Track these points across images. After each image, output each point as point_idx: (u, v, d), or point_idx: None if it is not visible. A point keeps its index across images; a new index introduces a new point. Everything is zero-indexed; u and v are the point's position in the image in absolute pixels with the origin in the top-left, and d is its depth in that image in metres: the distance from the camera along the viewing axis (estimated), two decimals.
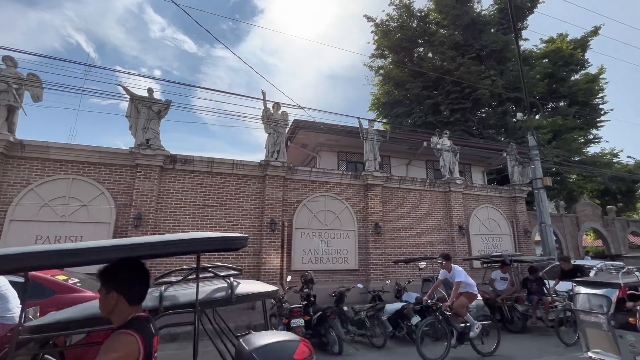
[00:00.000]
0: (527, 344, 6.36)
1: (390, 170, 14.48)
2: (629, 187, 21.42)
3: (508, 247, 12.28)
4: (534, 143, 12.25)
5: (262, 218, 9.27)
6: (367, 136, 10.94)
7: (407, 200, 11.33)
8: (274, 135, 9.78)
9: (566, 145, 18.61)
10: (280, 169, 9.55)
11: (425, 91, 18.87)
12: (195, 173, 9.02)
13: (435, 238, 11.38)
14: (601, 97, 21.66)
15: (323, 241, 9.81)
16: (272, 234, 9.13)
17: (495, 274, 7.87)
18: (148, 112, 8.67)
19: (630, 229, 20.60)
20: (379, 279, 9.81)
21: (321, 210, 10.02)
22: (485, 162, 15.91)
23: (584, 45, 21.81)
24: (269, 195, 9.39)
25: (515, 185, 12.90)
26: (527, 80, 19.59)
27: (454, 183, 11.71)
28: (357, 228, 10.32)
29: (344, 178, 10.59)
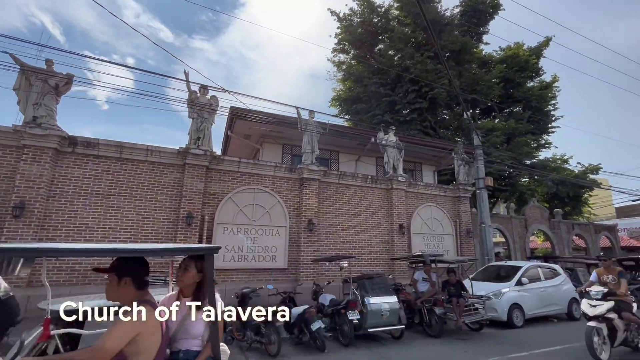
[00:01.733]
0: (438, 349, 5.96)
1: (338, 166, 13.98)
2: (575, 192, 22.26)
3: (450, 247, 12.11)
4: (478, 142, 12.13)
5: (179, 211, 8.40)
6: (305, 127, 10.31)
7: (346, 196, 10.82)
8: (197, 120, 8.92)
9: (517, 149, 18.95)
10: (202, 157, 8.71)
11: (382, 88, 18.55)
12: (100, 158, 7.99)
13: (375, 236, 10.95)
14: (553, 103, 22.35)
15: (249, 238, 9.08)
16: (188, 229, 8.29)
17: (418, 274, 7.49)
18: (43, 85, 7.55)
19: (574, 231, 21.42)
20: (309, 279, 9.22)
21: (249, 204, 9.27)
22: (436, 161, 15.79)
23: (539, 53, 22.42)
24: (187, 186, 8.53)
25: (460, 184, 12.77)
26: (483, 83, 19.88)
27: (397, 180, 11.34)
28: (289, 224, 9.68)
29: (278, 170, 9.91)
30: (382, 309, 6.18)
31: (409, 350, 5.88)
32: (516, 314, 7.76)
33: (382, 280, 6.64)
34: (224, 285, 8.35)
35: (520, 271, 8.46)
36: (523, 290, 8.14)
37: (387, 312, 6.21)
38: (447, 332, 6.86)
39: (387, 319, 6.20)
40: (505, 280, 8.47)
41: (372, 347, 6.04)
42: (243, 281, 8.73)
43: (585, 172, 22.25)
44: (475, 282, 8.94)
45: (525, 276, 8.44)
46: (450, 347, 6.03)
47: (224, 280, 8.63)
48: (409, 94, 18.12)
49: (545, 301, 8.48)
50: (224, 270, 8.69)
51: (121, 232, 7.84)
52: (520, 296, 8.00)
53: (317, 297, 7.11)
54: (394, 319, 6.28)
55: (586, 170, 22.33)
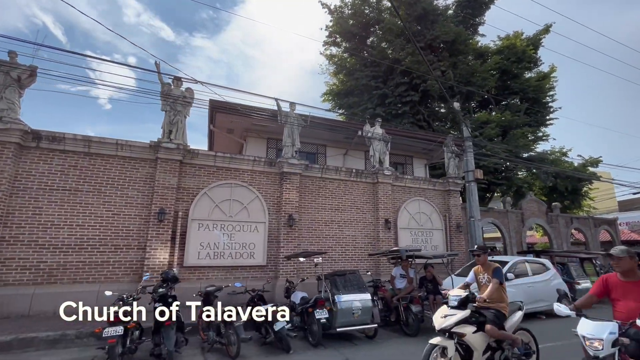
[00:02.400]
0: (411, 349, 5.64)
1: (325, 160, 13.65)
2: (574, 185, 21.75)
3: (439, 243, 11.77)
4: (467, 134, 11.73)
5: (150, 207, 8.12)
6: (285, 120, 9.98)
7: (329, 190, 10.49)
8: (170, 113, 8.62)
9: (513, 141, 18.49)
10: (175, 151, 8.41)
11: (373, 81, 18.13)
12: (67, 153, 7.72)
13: (360, 232, 10.63)
14: (551, 95, 21.79)
15: (226, 234, 8.79)
16: (159, 225, 8.01)
17: (396, 270, 7.17)
18: (5, 78, 7.27)
19: (573, 225, 20.97)
20: (289, 276, 8.92)
21: (226, 199, 8.98)
22: (428, 154, 15.40)
23: (537, 43, 21.83)
24: (160, 181, 8.24)
25: (450, 177, 12.39)
26: (478, 75, 19.38)
27: (382, 174, 10.99)
28: (269, 220, 9.38)
29: (257, 164, 9.59)
30: (353, 307, 5.86)
31: (379, 350, 5.58)
32: None
33: (356, 277, 6.33)
34: (198, 284, 8.08)
35: (506, 267, 8.10)
36: (509, 286, 7.72)
37: (359, 311, 5.89)
38: (425, 330, 6.52)
39: (359, 317, 5.89)
40: None
41: (341, 347, 5.74)
42: (219, 279, 8.45)
43: (584, 165, 21.71)
44: (460, 278, 8.63)
45: (512, 271, 8.08)
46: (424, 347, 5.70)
47: (199, 278, 8.37)
48: (400, 87, 17.68)
49: (533, 297, 8.11)
50: (198, 267, 8.42)
51: (89, 229, 7.58)
52: None
53: (290, 295, 6.81)
54: (366, 318, 5.97)
55: (586, 163, 21.79)
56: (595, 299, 3.06)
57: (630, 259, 2.78)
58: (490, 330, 3.77)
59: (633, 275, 2.80)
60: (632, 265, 2.77)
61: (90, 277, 7.42)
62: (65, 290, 7.09)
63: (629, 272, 2.81)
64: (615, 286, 2.89)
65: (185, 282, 8.15)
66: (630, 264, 2.78)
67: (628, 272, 2.81)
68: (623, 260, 2.79)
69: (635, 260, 2.76)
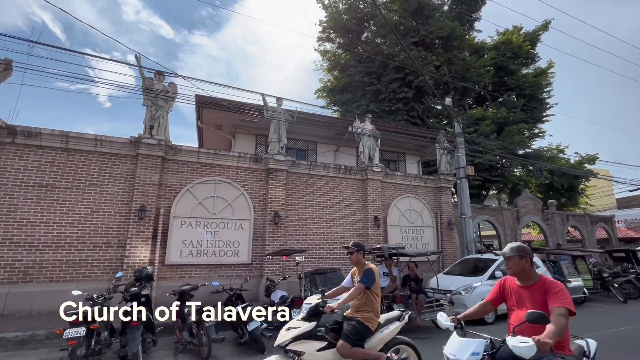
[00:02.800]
0: None
1: (316, 157, 13.47)
2: (570, 182, 21.56)
3: (430, 240, 11.60)
4: (459, 130, 11.54)
5: (131, 204, 7.94)
6: (272, 115, 9.78)
7: (317, 187, 10.31)
8: (151, 108, 8.42)
9: (509, 138, 18.28)
10: (157, 147, 8.22)
11: (367, 77, 17.90)
12: (44, 149, 7.53)
13: (348, 229, 10.46)
14: (548, 91, 21.56)
15: (209, 232, 8.62)
16: (140, 223, 7.83)
17: (379, 269, 6.97)
18: None
19: (569, 222, 20.81)
20: (274, 274, 8.76)
21: (209, 196, 8.80)
22: (421, 151, 15.21)
23: (535, 39, 21.57)
24: (140, 177, 8.06)
25: (442, 174, 12.20)
26: (474, 70, 19.15)
27: (372, 170, 10.80)
28: (254, 217, 9.20)
29: (242, 161, 9.41)
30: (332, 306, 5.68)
31: None
32: None
33: (337, 275, 6.16)
34: (180, 282, 7.89)
35: (494, 264, 7.94)
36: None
37: (339, 310, 5.71)
38: (408, 330, 6.35)
39: (338, 317, 5.71)
40: (480, 274, 7.96)
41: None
42: (203, 277, 8.29)
43: (581, 162, 21.50)
44: (448, 276, 8.49)
45: (500, 269, 7.91)
46: None
47: (182, 276, 8.21)
48: (394, 83, 17.45)
49: None
50: (181, 266, 8.26)
51: (67, 226, 7.40)
52: None
53: (270, 294, 6.65)
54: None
55: (582, 160, 21.58)
56: (490, 307, 2.54)
57: (519, 258, 2.26)
58: (341, 347, 3.11)
59: (527, 279, 2.26)
60: (523, 267, 2.25)
61: (68, 275, 7.25)
62: (41, 289, 6.94)
63: (522, 275, 2.28)
64: (511, 292, 2.35)
65: (167, 280, 8.00)
66: (520, 265, 2.26)
67: (521, 274, 2.28)
68: (512, 261, 2.28)
69: (526, 261, 2.25)
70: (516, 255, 2.27)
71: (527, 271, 2.27)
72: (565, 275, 9.81)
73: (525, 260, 2.26)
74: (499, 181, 19.91)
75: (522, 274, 2.28)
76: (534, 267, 2.32)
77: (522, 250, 2.28)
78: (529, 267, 2.26)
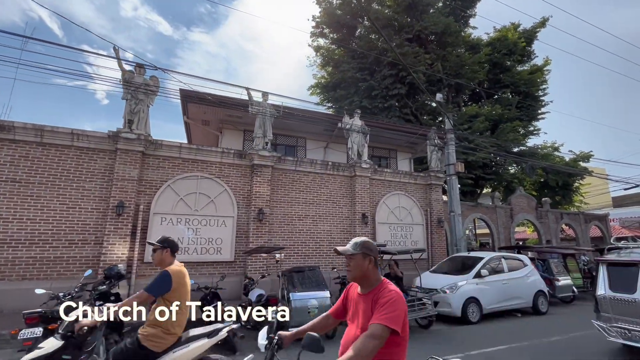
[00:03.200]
0: None
1: (305, 153, 13.28)
2: (565, 180, 21.45)
3: (419, 238, 11.45)
4: (449, 126, 11.36)
5: (109, 200, 7.74)
6: (257, 110, 9.57)
7: (304, 184, 10.12)
8: (131, 102, 8.20)
9: (503, 136, 18.12)
10: (136, 142, 8.01)
11: (360, 74, 17.68)
12: (18, 143, 7.31)
13: (335, 227, 10.29)
14: (543, 88, 21.40)
15: (191, 229, 8.43)
16: (118, 219, 7.63)
17: None
18: None
19: (563, 220, 20.72)
20: (258, 272, 8.58)
21: (191, 192, 8.60)
22: (412, 148, 15.03)
23: (532, 36, 21.37)
24: (119, 173, 7.85)
25: (432, 171, 12.03)
26: (468, 67, 18.95)
27: (360, 167, 10.62)
28: (237, 214, 9.02)
29: (226, 156, 9.20)
30: (309, 305, 5.53)
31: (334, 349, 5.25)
32: (472, 309, 7.10)
33: (315, 273, 5.99)
34: None
35: (481, 263, 7.79)
36: (482, 283, 7.47)
37: (316, 309, 5.56)
38: None
39: (315, 316, 5.53)
40: (466, 273, 7.81)
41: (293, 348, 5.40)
42: None
43: (575, 160, 21.38)
44: (435, 275, 8.33)
45: (487, 268, 7.77)
46: None
47: None
48: (387, 79, 17.24)
49: (508, 294, 7.82)
50: None
51: (41, 223, 7.20)
52: (477, 289, 7.33)
53: (248, 293, 6.48)
54: None
55: (577, 158, 21.46)
56: (331, 321, 1.99)
57: (363, 257, 1.66)
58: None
59: (367, 285, 1.67)
60: (366, 269, 1.66)
61: (42, 273, 7.05)
62: (14, 288, 6.75)
63: (363, 280, 1.69)
64: (352, 301, 1.80)
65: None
66: (362, 268, 1.66)
67: (362, 279, 1.68)
68: (354, 261, 1.67)
69: (370, 261, 1.66)
70: (360, 253, 1.66)
71: (368, 275, 1.66)
72: (554, 274, 9.68)
73: (370, 260, 1.67)
74: (493, 179, 19.78)
75: (364, 279, 1.67)
76: (379, 270, 1.75)
77: (367, 247, 1.68)
78: (372, 269, 1.67)
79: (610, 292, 4.86)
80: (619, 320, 4.68)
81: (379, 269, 1.75)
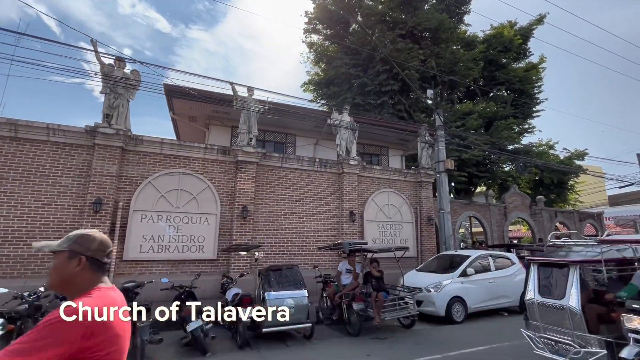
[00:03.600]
0: (343, 351, 5.15)
1: (295, 150, 13.09)
2: (560, 178, 21.33)
3: (409, 236, 11.29)
4: (439, 123, 11.18)
5: (86, 197, 7.54)
6: (241, 105, 9.37)
7: (290, 181, 9.94)
8: (110, 96, 7.99)
9: (497, 133, 17.96)
10: (115, 137, 7.80)
11: (353, 70, 17.47)
12: None
13: (322, 225, 10.11)
14: (538, 86, 21.23)
15: (172, 226, 8.24)
16: (95, 217, 7.44)
17: (342, 265, 6.66)
18: None
19: (557, 219, 20.62)
20: (241, 270, 8.40)
21: (173, 189, 8.41)
22: (404, 145, 14.87)
23: (528, 33, 21.18)
24: (97, 169, 7.65)
25: (422, 168, 11.86)
26: (462, 64, 18.75)
27: (348, 164, 10.44)
28: (221, 211, 8.83)
29: (209, 152, 9.01)
30: (285, 305, 5.35)
31: (308, 352, 5.10)
32: (456, 309, 6.95)
33: (293, 272, 5.82)
34: (141, 279, 7.53)
35: (467, 261, 7.63)
36: (467, 282, 7.32)
37: (292, 309, 5.38)
38: (370, 329, 6.06)
39: (291, 316, 5.38)
40: (452, 271, 7.65)
41: (271, 348, 5.25)
42: (164, 273, 7.93)
43: (570, 158, 21.25)
44: (421, 273, 8.18)
45: (473, 266, 7.62)
46: (358, 348, 5.23)
47: (142, 273, 7.84)
48: (380, 75, 17.04)
49: (495, 293, 7.67)
50: (141, 261, 7.89)
51: (15, 220, 7.00)
52: (462, 288, 7.18)
53: (225, 292, 6.31)
54: (301, 317, 5.46)
55: (572, 156, 21.33)
56: None
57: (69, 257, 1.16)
58: None
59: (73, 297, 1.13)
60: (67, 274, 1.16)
61: (15, 271, 6.87)
62: None
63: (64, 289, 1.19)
64: None
65: (126, 277, 7.60)
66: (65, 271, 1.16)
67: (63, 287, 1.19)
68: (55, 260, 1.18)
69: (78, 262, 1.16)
70: (66, 251, 1.17)
71: (73, 282, 1.15)
72: None
73: (79, 261, 1.16)
74: (487, 177, 19.63)
75: (67, 287, 1.17)
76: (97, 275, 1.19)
77: (80, 242, 1.19)
78: (83, 274, 1.16)
79: (539, 296, 4.16)
80: (547, 329, 4.02)
81: (99, 275, 1.19)
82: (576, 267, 3.88)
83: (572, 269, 3.90)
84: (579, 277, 3.81)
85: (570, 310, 3.72)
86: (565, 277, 3.93)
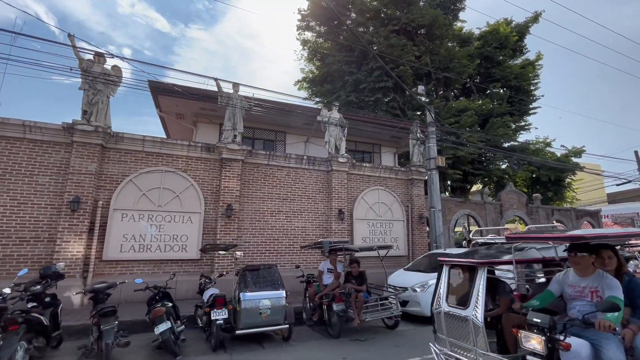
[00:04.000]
0: (317, 354, 4.96)
1: (284, 148, 12.90)
2: (557, 176, 21.12)
3: (399, 235, 11.10)
4: (430, 119, 10.97)
5: (64, 195, 7.35)
6: (226, 102, 9.18)
7: (277, 179, 9.74)
8: (89, 92, 7.80)
9: (493, 131, 17.74)
10: (94, 134, 7.61)
11: (346, 67, 17.26)
12: None
13: (310, 223, 9.93)
14: (535, 83, 21.00)
15: (154, 225, 8.06)
16: (73, 215, 7.25)
17: (324, 264, 6.47)
18: None
19: (554, 217, 20.44)
20: (225, 270, 8.21)
21: (155, 187, 8.22)
22: (397, 142, 14.67)
23: (524, 30, 20.94)
24: (75, 167, 7.46)
25: (414, 166, 11.66)
26: (457, 61, 18.54)
27: (337, 161, 10.24)
28: (205, 210, 8.64)
29: (193, 150, 8.82)
30: (260, 306, 5.17)
31: (284, 354, 4.90)
32: None
33: (271, 272, 5.63)
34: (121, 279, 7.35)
35: None
36: None
37: (268, 310, 5.20)
38: (349, 331, 5.86)
39: (267, 317, 5.20)
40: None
41: (245, 351, 5.07)
42: (146, 273, 7.78)
43: (567, 155, 21.03)
44: (409, 273, 7.99)
45: None
46: (335, 350, 5.04)
47: (122, 273, 7.66)
48: (374, 72, 16.82)
49: None
50: (121, 261, 7.71)
51: None
52: None
53: (202, 292, 6.12)
54: (278, 318, 5.28)
55: (569, 154, 21.11)
56: None
57: None
58: None
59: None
60: None
61: None
62: None
63: None
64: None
65: (105, 277, 7.43)
66: None
67: None
68: None
69: None
70: None
71: None
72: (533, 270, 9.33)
73: None
74: (483, 175, 19.43)
75: None
76: None
77: None
78: None
79: (446, 305, 3.48)
80: (452, 344, 3.37)
81: None
82: (484, 269, 3.20)
83: (479, 271, 3.21)
84: (485, 281, 3.14)
85: (472, 323, 3.07)
86: (469, 281, 3.31)
